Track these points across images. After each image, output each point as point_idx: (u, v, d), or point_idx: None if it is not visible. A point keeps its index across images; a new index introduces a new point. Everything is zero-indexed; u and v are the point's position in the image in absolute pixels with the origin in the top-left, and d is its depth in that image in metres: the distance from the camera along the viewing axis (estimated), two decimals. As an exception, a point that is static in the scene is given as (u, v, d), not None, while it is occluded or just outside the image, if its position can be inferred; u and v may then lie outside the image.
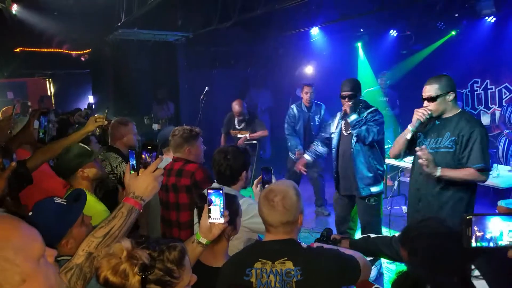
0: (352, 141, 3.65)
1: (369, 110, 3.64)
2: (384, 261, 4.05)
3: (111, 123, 3.12)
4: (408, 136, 2.81)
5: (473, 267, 1.49)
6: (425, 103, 2.71)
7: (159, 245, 1.18)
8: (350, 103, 3.62)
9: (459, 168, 2.64)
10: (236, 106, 5.50)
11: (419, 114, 2.72)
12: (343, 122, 3.80)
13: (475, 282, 1.45)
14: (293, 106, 5.44)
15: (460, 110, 2.75)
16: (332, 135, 3.92)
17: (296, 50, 8.25)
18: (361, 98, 3.81)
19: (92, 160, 2.33)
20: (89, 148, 2.41)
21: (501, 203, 4.02)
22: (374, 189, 3.69)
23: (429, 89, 2.68)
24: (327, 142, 4.05)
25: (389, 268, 4.08)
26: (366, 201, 3.73)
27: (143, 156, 1.45)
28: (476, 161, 2.58)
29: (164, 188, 2.76)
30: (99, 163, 2.44)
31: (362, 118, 3.61)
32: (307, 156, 4.20)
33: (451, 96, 2.65)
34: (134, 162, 1.50)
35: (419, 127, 2.80)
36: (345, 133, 3.78)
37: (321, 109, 5.40)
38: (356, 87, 3.68)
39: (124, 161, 2.95)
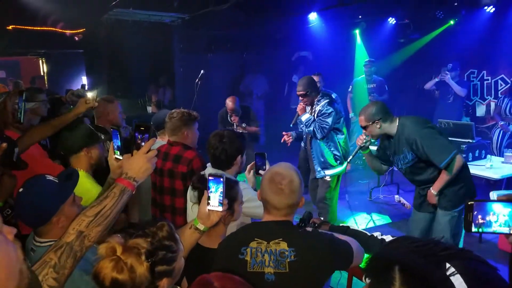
0: None
1: (320, 103, 4.04)
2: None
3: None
4: (367, 158, 3.26)
5: (448, 265, 1.52)
6: (364, 131, 3.03)
7: (147, 229, 1.21)
8: (302, 105, 4.12)
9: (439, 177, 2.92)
10: (229, 103, 5.28)
11: (358, 141, 3.08)
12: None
13: (451, 278, 1.48)
14: None
15: (398, 122, 2.94)
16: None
17: (294, 35, 8.16)
18: (324, 90, 4.39)
19: (99, 143, 2.35)
20: (95, 131, 2.44)
21: (493, 194, 4.06)
22: (328, 172, 4.21)
23: (360, 120, 3.02)
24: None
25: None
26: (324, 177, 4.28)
27: (136, 137, 1.43)
28: (440, 160, 2.81)
29: (159, 172, 2.74)
30: (104, 148, 2.44)
31: (311, 117, 4.09)
32: (292, 132, 4.49)
33: (377, 125, 2.92)
34: (119, 142, 1.47)
35: (363, 148, 3.12)
36: None
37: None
38: (307, 85, 4.05)
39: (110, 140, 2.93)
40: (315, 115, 4.08)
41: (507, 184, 4.76)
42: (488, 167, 4.30)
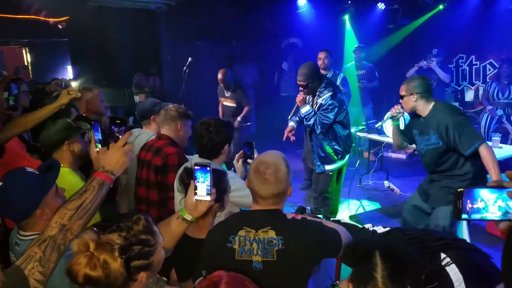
0: None
1: (323, 96, 3.72)
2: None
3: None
4: (394, 129, 3.34)
5: (443, 255, 1.53)
6: (401, 100, 3.09)
7: (122, 223, 1.18)
8: (302, 95, 3.79)
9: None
10: (219, 75, 5.62)
11: (392, 110, 3.24)
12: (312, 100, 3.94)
13: (447, 268, 1.48)
14: None
15: (432, 105, 2.99)
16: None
17: (283, 22, 8.07)
18: (327, 77, 4.04)
19: (78, 134, 2.30)
20: (74, 123, 2.38)
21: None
22: (328, 167, 3.96)
23: (401, 89, 3.07)
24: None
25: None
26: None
27: (112, 130, 1.41)
28: (468, 146, 2.82)
29: (140, 163, 2.71)
30: (86, 141, 2.38)
31: (313, 110, 3.77)
32: (291, 123, 4.21)
33: (414, 98, 2.98)
34: (100, 135, 1.45)
35: (394, 119, 3.28)
36: None
37: (337, 78, 5.22)
38: (309, 75, 3.71)
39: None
40: (316, 108, 3.78)
41: (494, 169, 4.79)
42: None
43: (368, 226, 1.93)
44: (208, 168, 1.53)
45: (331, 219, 2.11)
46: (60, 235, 1.26)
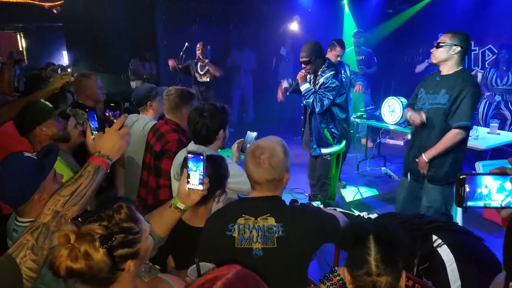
0: None
1: (325, 75, 3.67)
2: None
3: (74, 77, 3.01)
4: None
5: (435, 237, 1.54)
6: (434, 49, 2.93)
7: (103, 213, 1.14)
8: (303, 72, 3.72)
9: (440, 140, 2.88)
10: (198, 45, 5.86)
11: (415, 122, 2.97)
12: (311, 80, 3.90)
13: (438, 249, 1.50)
14: None
15: (461, 68, 2.90)
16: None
17: (281, 6, 7.96)
18: (327, 58, 3.89)
19: (53, 117, 2.23)
20: (50, 105, 2.31)
21: (478, 165, 4.10)
22: (324, 150, 3.95)
23: (442, 38, 2.91)
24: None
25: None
26: (323, 155, 4.01)
27: (107, 114, 1.38)
28: (461, 118, 2.78)
29: (146, 146, 2.71)
30: (62, 122, 2.32)
31: (312, 88, 3.72)
32: (285, 83, 4.12)
33: (456, 50, 2.83)
34: (96, 124, 1.43)
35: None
36: None
37: (345, 68, 5.03)
38: (312, 51, 3.67)
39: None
40: (317, 87, 3.72)
41: (492, 155, 4.81)
42: (474, 138, 4.31)
43: (363, 214, 1.95)
44: (201, 157, 1.49)
45: (328, 207, 2.12)
46: (54, 222, 1.24)
